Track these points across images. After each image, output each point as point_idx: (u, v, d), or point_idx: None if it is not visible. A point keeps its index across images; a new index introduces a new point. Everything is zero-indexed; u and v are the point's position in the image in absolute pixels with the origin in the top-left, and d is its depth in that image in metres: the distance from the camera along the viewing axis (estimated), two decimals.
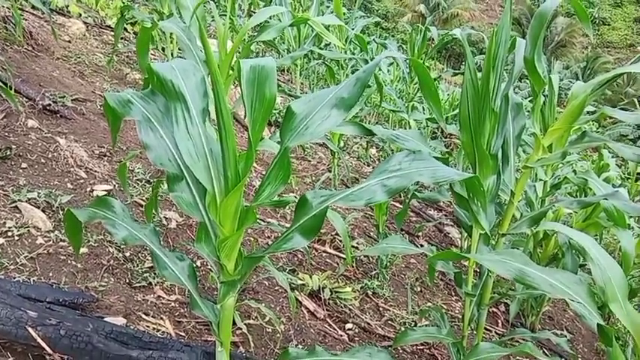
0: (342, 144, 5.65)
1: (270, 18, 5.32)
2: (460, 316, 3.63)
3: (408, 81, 5.18)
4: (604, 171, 5.51)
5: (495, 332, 3.69)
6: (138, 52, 2.58)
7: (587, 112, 3.79)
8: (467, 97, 2.31)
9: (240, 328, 2.56)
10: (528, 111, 3.54)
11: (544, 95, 2.76)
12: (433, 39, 5.45)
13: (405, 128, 6.24)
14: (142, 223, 1.64)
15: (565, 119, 2.38)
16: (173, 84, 1.50)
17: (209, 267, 2.81)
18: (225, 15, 2.57)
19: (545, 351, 3.76)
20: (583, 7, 2.31)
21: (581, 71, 32.60)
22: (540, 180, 3.72)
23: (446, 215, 5.41)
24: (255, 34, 4.03)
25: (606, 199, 2.45)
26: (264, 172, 4.34)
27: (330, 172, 4.67)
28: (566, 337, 2.70)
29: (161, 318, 2.45)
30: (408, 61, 5.31)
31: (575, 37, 36.71)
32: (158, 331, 2.36)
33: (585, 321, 2.79)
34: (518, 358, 3.33)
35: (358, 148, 6.54)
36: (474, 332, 2.77)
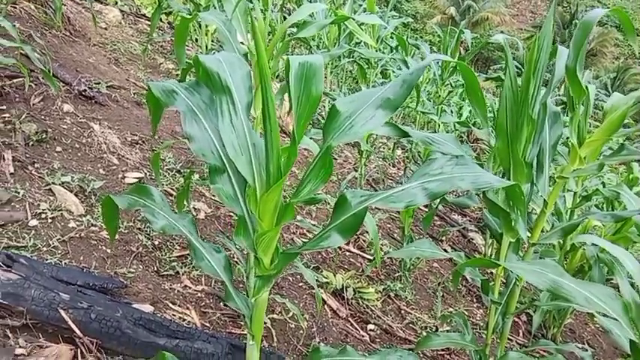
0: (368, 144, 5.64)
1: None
2: (481, 324, 3.61)
3: (439, 83, 5.14)
4: (634, 184, 5.42)
5: (516, 342, 3.66)
6: (176, 43, 2.60)
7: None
8: (505, 103, 2.28)
9: (265, 322, 2.57)
10: None
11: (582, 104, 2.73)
12: (463, 42, 5.41)
13: (435, 130, 6.20)
14: (180, 213, 1.65)
15: (604, 131, 2.35)
16: (220, 77, 1.50)
17: (236, 259, 2.83)
18: (264, 10, 2.57)
19: None
20: (629, 19, 2.27)
21: (611, 82, 32.06)
22: (569, 191, 3.68)
23: (470, 221, 5.38)
24: (289, 30, 4.04)
25: None
26: (292, 169, 4.36)
27: (356, 171, 4.65)
28: (588, 350, 2.66)
29: (187, 308, 2.47)
30: (439, 63, 5.28)
31: (606, 47, 36.12)
32: (184, 320, 2.38)
33: (611, 336, 2.75)
34: None
35: (384, 148, 6.52)
36: (496, 341, 2.75)
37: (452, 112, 6.89)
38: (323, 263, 3.42)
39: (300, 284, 3.04)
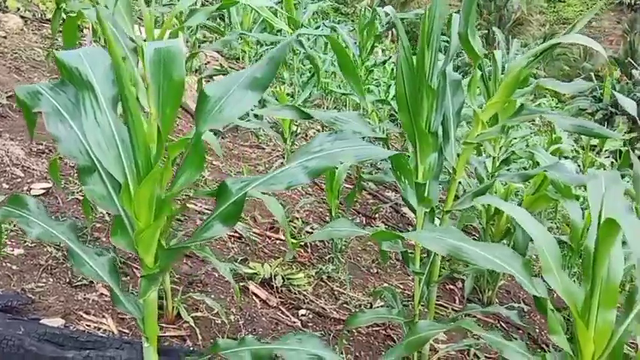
0: (297, 129, 5.60)
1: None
2: None
3: (359, 64, 5.15)
4: (556, 143, 5.57)
5: (452, 309, 3.71)
6: (64, 43, 2.49)
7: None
8: (402, 76, 2.28)
9: (187, 322, 2.51)
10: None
11: (480, 69, 2.76)
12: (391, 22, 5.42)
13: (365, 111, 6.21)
14: (57, 219, 1.57)
15: (502, 93, 2.37)
16: (80, 72, 1.43)
17: None
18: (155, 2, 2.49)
19: (503, 324, 3.81)
20: None
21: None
22: (490, 156, 3.74)
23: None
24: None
25: (546, 170, 2.46)
26: (215, 163, 4.28)
27: (283, 158, 4.62)
28: (516, 309, 2.70)
29: (103, 316, 2.38)
30: (357, 43, 5.28)
31: (531, 15, 37.06)
32: (99, 329, 2.29)
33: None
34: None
35: (315, 133, 6.50)
36: (424, 311, 2.77)
37: (379, 91, 6.92)
38: (253, 254, 3.37)
39: (227, 279, 2.98)
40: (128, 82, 1.27)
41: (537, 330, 3.97)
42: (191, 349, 2.35)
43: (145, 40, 2.15)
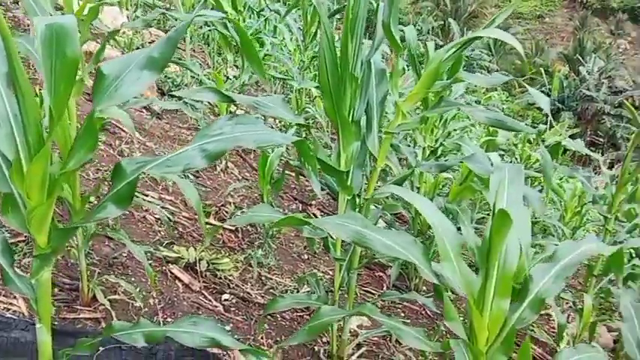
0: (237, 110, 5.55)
1: None
2: None
3: (302, 49, 5.15)
4: (493, 136, 5.71)
5: (379, 296, 3.78)
6: None
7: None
8: (325, 64, 2.29)
9: (103, 304, 2.48)
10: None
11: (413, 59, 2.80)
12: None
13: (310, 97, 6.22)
14: None
15: (421, 84, 2.41)
16: None
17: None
18: None
19: (429, 312, 3.90)
20: None
21: (493, 41, 33.60)
22: (420, 146, 3.81)
23: None
24: None
25: (462, 162, 2.53)
26: (148, 145, 4.22)
27: None
28: (430, 298, 2.78)
29: (14, 297, 2.33)
30: (302, 29, 5.27)
31: (486, 8, 37.75)
32: (9, 310, 2.25)
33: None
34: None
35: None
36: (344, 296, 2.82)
37: None
38: (180, 239, 3.35)
39: (149, 262, 2.96)
40: (18, 58, 1.25)
41: (462, 317, 4.09)
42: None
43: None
